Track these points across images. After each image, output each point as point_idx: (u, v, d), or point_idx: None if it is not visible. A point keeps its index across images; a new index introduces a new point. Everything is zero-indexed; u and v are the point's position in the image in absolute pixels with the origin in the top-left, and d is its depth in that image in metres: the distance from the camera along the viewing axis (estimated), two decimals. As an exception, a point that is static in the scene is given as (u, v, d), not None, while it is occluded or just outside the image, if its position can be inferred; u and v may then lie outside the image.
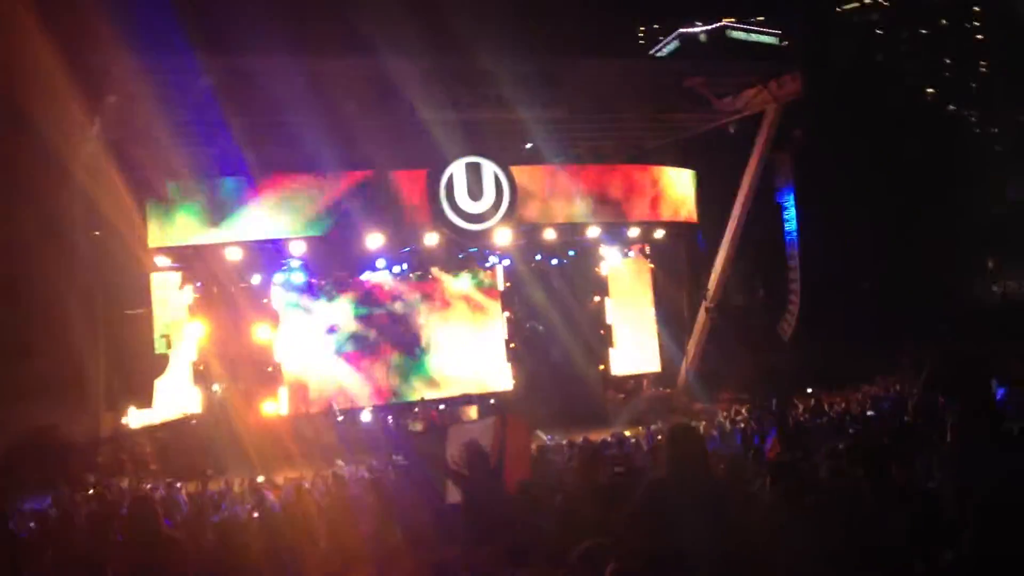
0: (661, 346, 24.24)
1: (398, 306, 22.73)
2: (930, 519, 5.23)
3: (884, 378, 19.47)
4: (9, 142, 15.43)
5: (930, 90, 31.38)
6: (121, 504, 10.02)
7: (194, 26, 16.14)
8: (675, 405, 21.94)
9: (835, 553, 4.86)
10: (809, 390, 19.15)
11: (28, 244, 16.03)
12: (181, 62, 16.33)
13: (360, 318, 22.27)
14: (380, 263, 21.22)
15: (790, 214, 22.45)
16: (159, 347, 19.11)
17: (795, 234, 22.54)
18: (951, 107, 31.21)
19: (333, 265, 21.03)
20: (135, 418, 18.62)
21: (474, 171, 19.88)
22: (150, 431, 18.50)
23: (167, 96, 16.65)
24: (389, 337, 22.57)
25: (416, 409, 21.37)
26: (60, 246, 16.53)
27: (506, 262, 23.11)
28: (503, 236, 20.54)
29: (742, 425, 15.69)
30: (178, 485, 14.11)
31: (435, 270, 22.76)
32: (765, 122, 21.60)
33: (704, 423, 17.29)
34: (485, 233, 20.34)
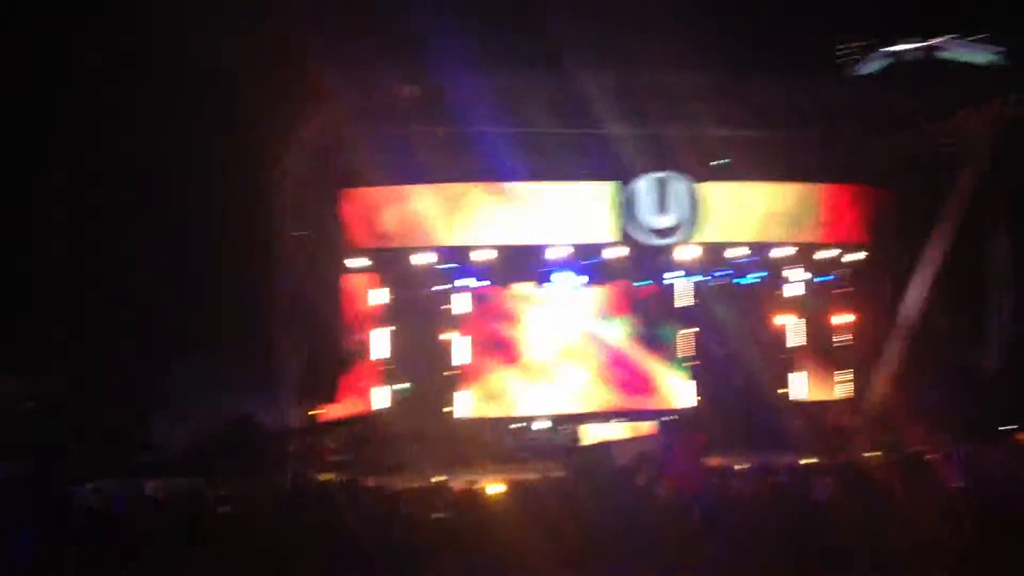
0: (852, 373, 23.29)
1: (579, 317, 22.78)
2: None
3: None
4: (224, 146, 16.50)
5: None
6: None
7: (400, 41, 16.82)
8: (861, 437, 21.03)
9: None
10: (1007, 428, 17.97)
11: (238, 244, 17.10)
12: (385, 73, 17.06)
13: (541, 327, 22.47)
14: (563, 274, 21.35)
15: (1000, 241, 21.15)
16: (349, 346, 19.97)
17: (1004, 262, 21.22)
18: None
19: (516, 273, 21.34)
20: (324, 413, 19.50)
21: (661, 186, 19.78)
22: (337, 425, 19.31)
23: (371, 105, 17.43)
24: (569, 348, 22.66)
25: (591, 422, 21.39)
26: (266, 249, 17.57)
27: (694, 278, 22.78)
28: (687, 252, 20.32)
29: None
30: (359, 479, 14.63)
31: (619, 283, 22.69)
32: (977, 145, 20.47)
33: (891, 457, 16.48)
34: (669, 248, 20.20)
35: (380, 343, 20.59)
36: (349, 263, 20.11)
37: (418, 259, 19.98)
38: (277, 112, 17.15)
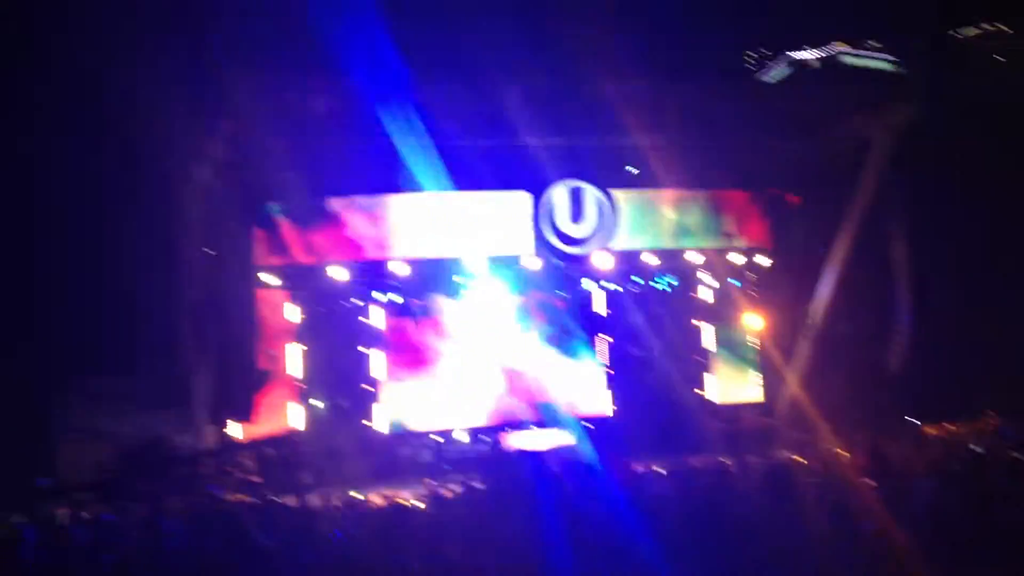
0: (761, 375, 23.79)
1: (497, 328, 22.79)
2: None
3: (995, 414, 18.69)
4: (132, 161, 16.12)
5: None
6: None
7: (311, 54, 16.64)
8: (773, 435, 21.47)
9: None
10: (914, 422, 18.54)
11: (142, 261, 16.70)
12: (297, 85, 16.87)
13: (457, 339, 22.41)
14: (480, 284, 21.33)
15: (901, 243, 21.78)
16: (263, 363, 19.64)
17: (906, 265, 21.86)
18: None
19: (433, 286, 21.26)
20: (238, 432, 19.12)
21: (576, 194, 19.95)
22: (252, 445, 18.97)
23: (281, 119, 17.19)
24: (487, 359, 22.64)
25: (511, 431, 21.38)
26: (173, 263, 17.18)
27: (606, 285, 23.00)
28: (603, 260, 20.51)
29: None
30: (276, 499, 14.39)
31: (534, 292, 22.78)
32: (877, 150, 21.05)
33: (804, 454, 16.84)
34: (585, 256, 20.37)
35: (295, 359, 20.32)
36: (262, 279, 19.80)
37: (332, 274, 19.77)
38: (187, 126, 16.82)
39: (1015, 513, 6.21)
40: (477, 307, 22.37)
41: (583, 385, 23.15)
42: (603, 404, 23.14)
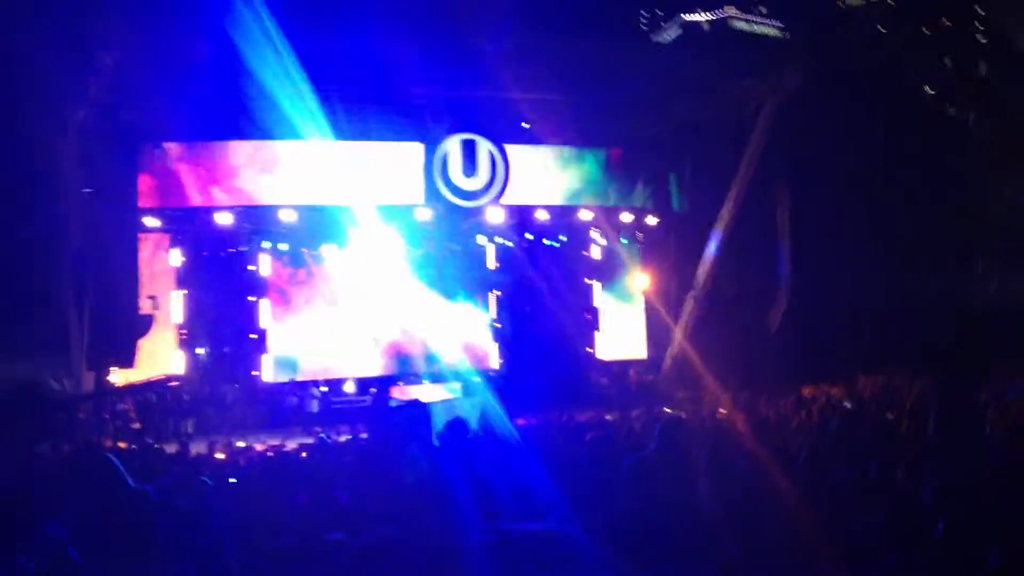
0: (648, 333, 24.32)
1: (387, 279, 22.66)
2: (908, 514, 5.26)
3: (871, 374, 19.50)
4: (4, 98, 15.33)
5: (929, 90, 31.43)
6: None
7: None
8: (658, 392, 22.02)
9: (811, 546, 4.89)
10: (792, 383, 19.17)
11: (19, 204, 15.96)
12: (176, 24, 16.25)
13: (346, 289, 22.22)
14: (370, 234, 21.09)
15: (784, 206, 22.41)
16: (145, 308, 19.09)
17: (788, 226, 22.51)
18: (950, 107, 31.28)
19: (322, 234, 20.96)
20: (118, 378, 18.60)
21: (469, 148, 19.88)
22: (132, 391, 18.50)
23: (162, 57, 16.57)
24: (375, 309, 22.53)
25: (400, 383, 21.40)
26: (52, 206, 16.48)
27: (498, 239, 23.08)
28: (495, 214, 20.55)
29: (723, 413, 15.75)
30: (157, 446, 14.12)
31: (426, 244, 22.70)
32: (763, 114, 21.52)
33: (686, 411, 17.34)
34: (477, 210, 20.37)
35: (178, 305, 19.82)
36: (144, 222, 19.18)
37: (218, 219, 19.23)
38: (65, 65, 16.04)
39: (884, 466, 6.54)
40: (367, 257, 22.19)
41: (472, 338, 23.28)
42: (492, 358, 23.34)
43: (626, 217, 22.84)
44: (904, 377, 17.13)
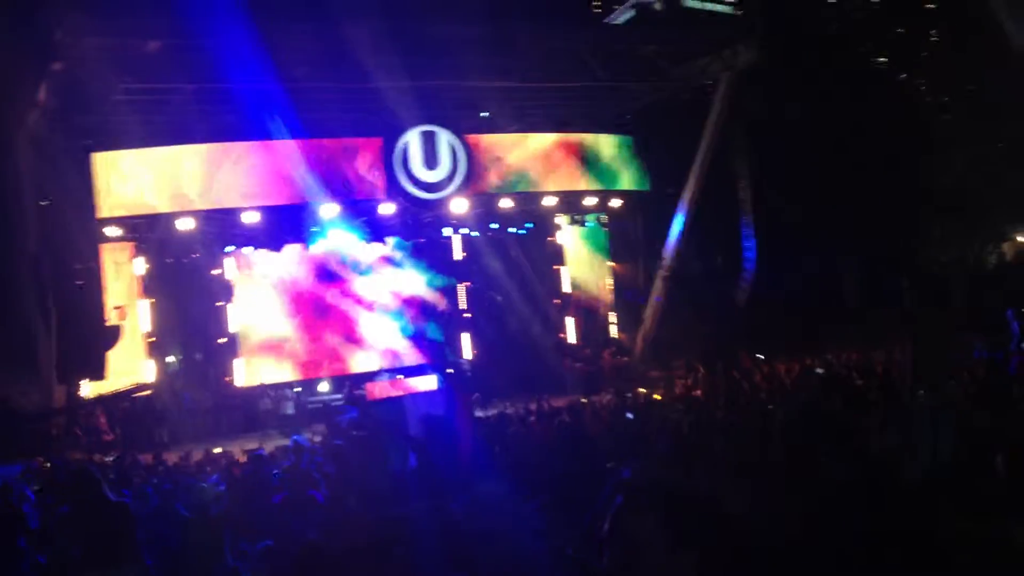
0: (618, 315, 24.40)
1: (353, 276, 22.56)
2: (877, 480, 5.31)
3: (840, 347, 19.70)
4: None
5: (881, 58, 31.79)
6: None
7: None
8: (632, 374, 22.12)
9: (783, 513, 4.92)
10: (761, 356, 19.33)
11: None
12: (129, 25, 15.99)
13: (315, 288, 22.08)
14: (334, 232, 20.92)
15: (745, 181, 22.55)
16: (112, 318, 18.85)
17: (750, 202, 22.67)
18: (902, 75, 31.64)
19: (286, 235, 20.76)
20: (88, 390, 18.37)
21: (429, 139, 19.78)
22: (104, 402, 18.29)
23: (115, 61, 16.28)
24: (344, 307, 22.42)
25: (374, 379, 21.31)
26: (7, 216, 16.17)
27: (463, 231, 23.02)
28: (459, 205, 20.49)
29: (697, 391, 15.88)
30: (131, 457, 13.99)
31: (391, 239, 22.59)
32: (719, 90, 21.62)
33: (661, 391, 17.46)
34: (441, 202, 20.29)
35: (145, 313, 19.58)
36: (106, 232, 18.88)
37: (180, 225, 18.94)
38: (13, 70, 15.73)
39: (856, 434, 6.61)
40: (332, 255, 22.09)
41: (443, 330, 23.24)
42: (464, 349, 23.32)
43: (592, 200, 22.87)
44: (874, 344, 17.38)
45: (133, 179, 18.52)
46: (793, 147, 22.67)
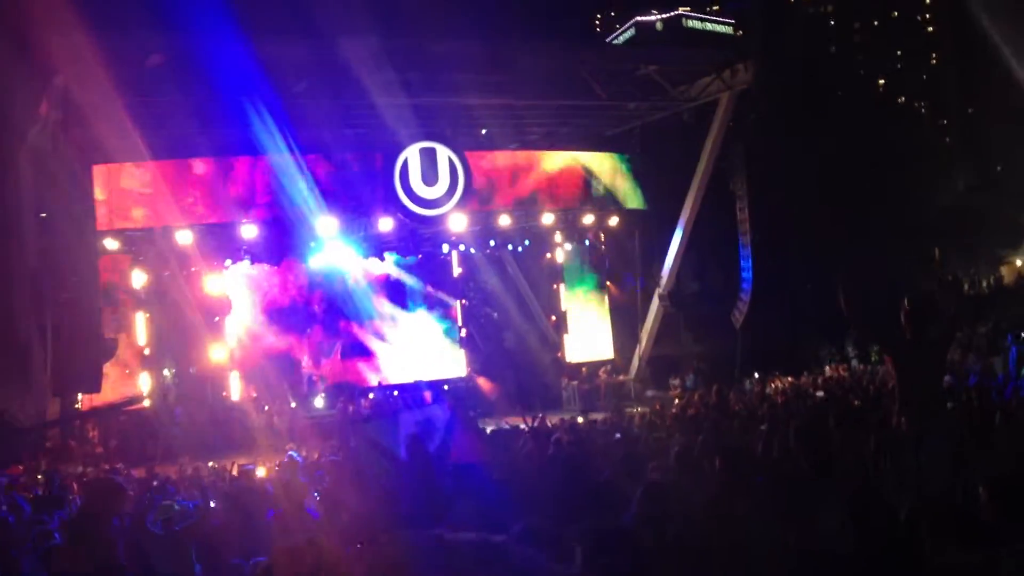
0: (615, 333, 24.38)
1: (351, 291, 22.57)
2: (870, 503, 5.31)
3: (835, 364, 19.76)
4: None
5: (881, 81, 31.92)
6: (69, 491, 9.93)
7: (143, 4, 15.88)
8: (628, 392, 22.13)
9: (773, 534, 4.92)
10: (756, 375, 19.37)
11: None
12: (129, 41, 16.06)
13: (313, 303, 22.11)
14: (333, 247, 20.93)
15: (743, 202, 22.59)
16: (108, 331, 18.82)
17: (748, 222, 22.68)
18: (901, 98, 31.75)
19: (285, 249, 20.77)
20: (83, 403, 18.33)
21: (429, 156, 19.80)
22: (98, 416, 18.25)
23: (116, 76, 16.33)
24: (342, 322, 22.43)
25: (370, 395, 21.30)
26: (5, 229, 16.19)
27: (461, 247, 23.04)
28: (458, 222, 20.51)
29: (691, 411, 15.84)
30: (125, 471, 13.96)
31: (388, 255, 22.60)
32: (719, 111, 21.67)
33: (657, 409, 17.42)
34: (440, 218, 20.31)
35: (141, 327, 19.57)
36: (104, 244, 18.90)
37: (179, 238, 18.98)
38: (14, 84, 15.78)
39: (850, 453, 6.61)
40: (332, 270, 22.10)
41: (440, 347, 23.26)
42: (460, 366, 23.32)
43: (590, 218, 22.88)
44: (870, 364, 17.40)
45: (132, 192, 18.55)
46: (791, 167, 22.75)
